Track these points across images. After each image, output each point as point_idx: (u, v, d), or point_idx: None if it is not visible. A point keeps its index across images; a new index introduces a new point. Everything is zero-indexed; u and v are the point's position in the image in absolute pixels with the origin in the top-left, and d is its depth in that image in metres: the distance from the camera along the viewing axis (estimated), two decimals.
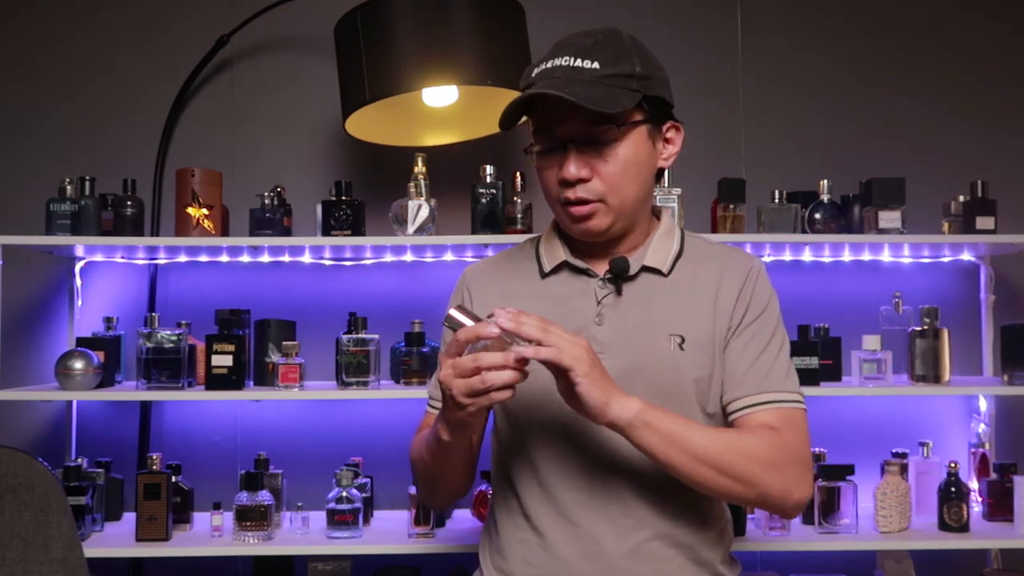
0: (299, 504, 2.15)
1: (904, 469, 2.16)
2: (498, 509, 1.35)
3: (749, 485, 1.21)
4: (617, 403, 1.15)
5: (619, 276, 1.29)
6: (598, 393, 1.14)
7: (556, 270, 1.34)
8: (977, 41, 2.49)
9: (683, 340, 1.27)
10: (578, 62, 1.22)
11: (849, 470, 2.11)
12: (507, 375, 1.10)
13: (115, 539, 2.10)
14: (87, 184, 2.16)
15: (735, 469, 1.20)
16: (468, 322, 1.14)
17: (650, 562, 1.25)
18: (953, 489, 2.10)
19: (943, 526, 2.11)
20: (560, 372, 1.14)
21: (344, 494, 2.08)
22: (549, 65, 1.24)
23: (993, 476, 2.20)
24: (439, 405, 1.38)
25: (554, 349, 1.11)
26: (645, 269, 1.31)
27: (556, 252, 1.34)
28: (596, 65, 1.22)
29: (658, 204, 2.07)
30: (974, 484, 2.25)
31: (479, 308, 1.35)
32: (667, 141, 1.32)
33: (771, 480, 1.22)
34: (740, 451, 1.21)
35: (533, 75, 1.25)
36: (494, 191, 2.16)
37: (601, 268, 1.31)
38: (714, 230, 2.18)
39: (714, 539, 1.31)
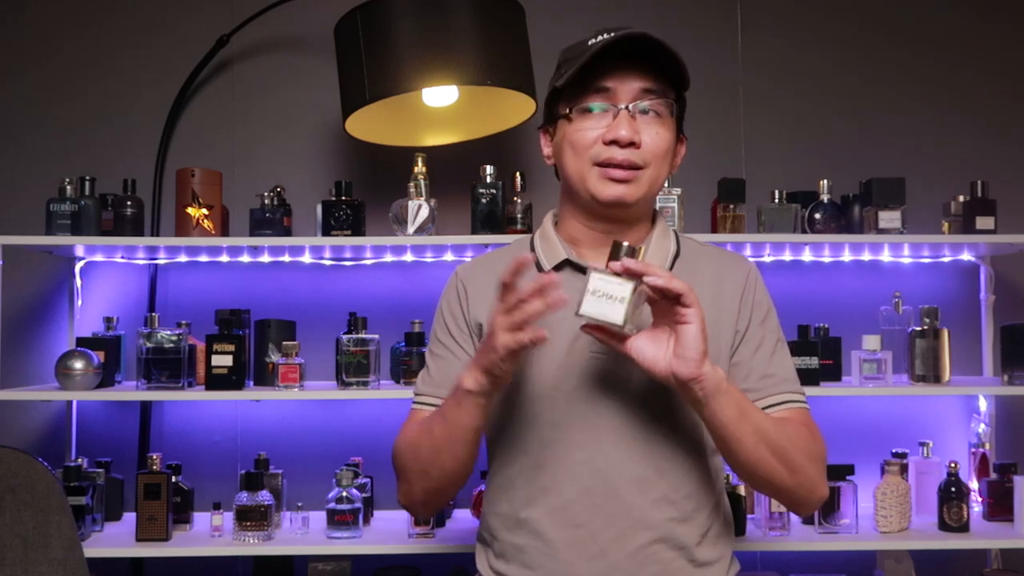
0: (299, 504, 2.15)
1: (904, 469, 2.16)
2: (495, 512, 1.34)
3: (792, 472, 1.22)
4: (709, 363, 1.15)
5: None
6: (703, 342, 1.13)
7: (555, 269, 1.33)
8: (977, 41, 2.49)
9: None
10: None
11: (849, 470, 2.11)
12: (537, 305, 1.10)
13: (115, 539, 2.10)
14: (87, 184, 2.16)
15: (787, 454, 1.21)
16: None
17: (652, 564, 1.24)
18: (953, 489, 2.10)
19: (943, 526, 2.11)
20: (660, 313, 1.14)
21: (344, 494, 2.08)
22: (616, 33, 1.25)
23: (993, 476, 2.20)
24: (426, 400, 1.38)
25: (682, 283, 1.11)
26: None
27: (556, 250, 1.34)
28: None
29: (658, 205, 2.08)
30: (974, 484, 2.25)
31: (476, 307, 1.35)
32: (674, 151, 1.34)
33: (809, 471, 1.24)
34: (791, 437, 1.23)
35: (595, 40, 1.25)
36: (494, 191, 2.16)
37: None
38: (714, 230, 2.18)
39: (715, 541, 1.30)
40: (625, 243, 1.15)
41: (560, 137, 1.31)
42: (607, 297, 1.13)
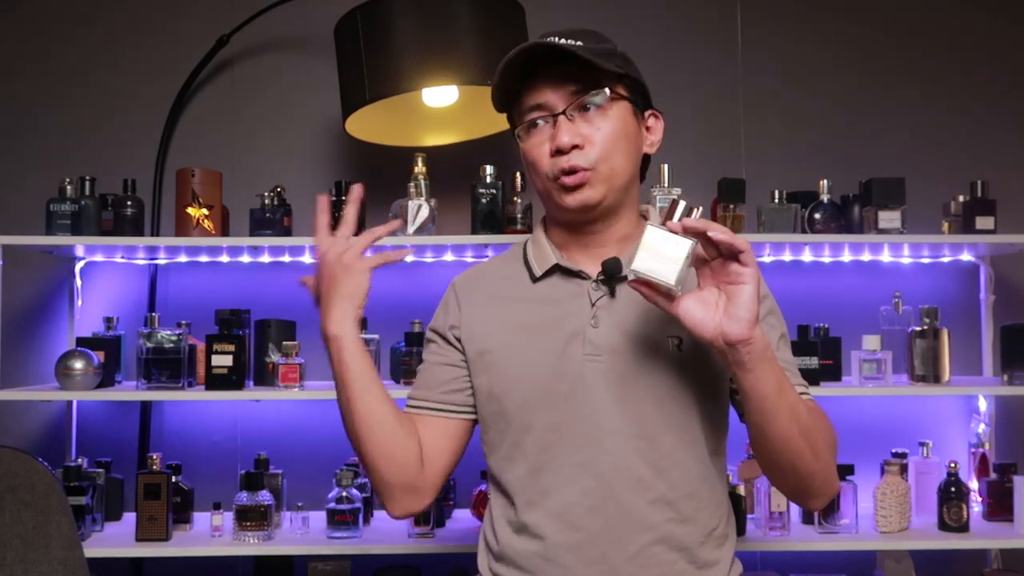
0: (299, 504, 2.15)
1: (904, 469, 2.16)
2: (496, 514, 1.33)
3: (816, 457, 1.20)
4: (759, 327, 1.12)
5: (612, 277, 1.29)
6: (757, 304, 1.10)
7: (547, 274, 1.33)
8: (977, 41, 2.49)
9: (680, 341, 1.26)
10: (562, 41, 1.24)
11: (849, 470, 2.11)
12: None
13: (115, 539, 2.10)
14: (87, 184, 2.17)
15: (813, 437, 1.19)
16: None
17: (652, 567, 1.24)
18: (953, 489, 2.10)
19: (943, 526, 2.11)
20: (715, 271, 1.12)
21: (344, 494, 2.08)
22: (530, 43, 1.25)
23: (993, 476, 2.20)
24: (413, 403, 1.39)
25: (744, 240, 1.09)
26: None
27: (546, 255, 1.33)
28: (580, 43, 1.24)
29: (657, 205, 2.08)
30: (974, 484, 2.25)
31: (468, 320, 1.35)
32: (648, 129, 1.34)
33: (829, 459, 1.22)
34: (816, 421, 1.21)
35: (511, 55, 1.26)
36: (494, 191, 2.16)
37: (593, 270, 1.30)
38: None
39: (717, 541, 1.30)
40: (683, 202, 1.13)
41: (521, 153, 1.32)
42: (661, 255, 1.11)
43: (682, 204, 1.13)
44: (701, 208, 1.15)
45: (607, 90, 1.26)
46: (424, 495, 1.32)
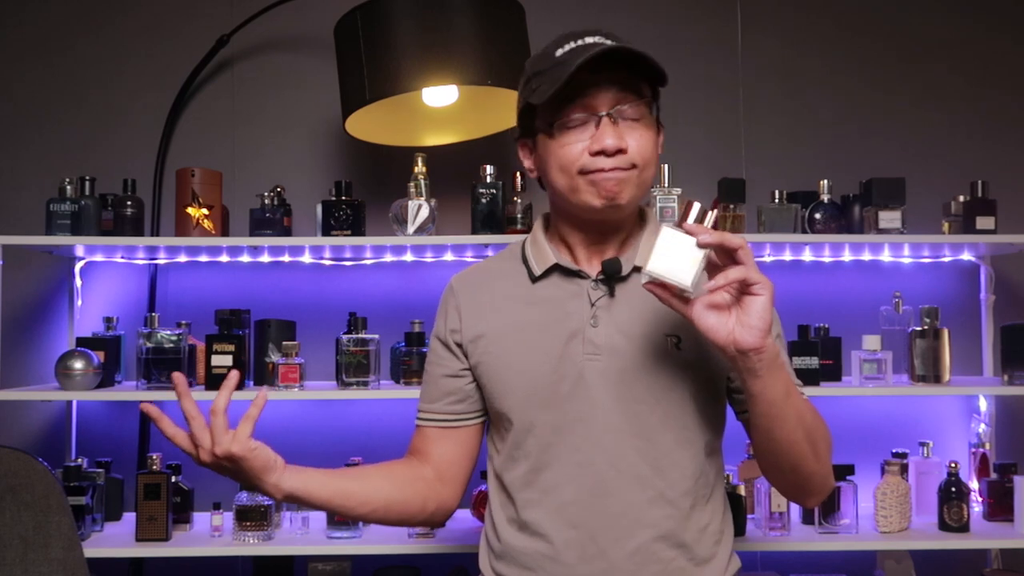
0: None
1: (904, 469, 2.16)
2: (496, 513, 1.34)
3: (817, 458, 1.21)
4: (770, 336, 1.12)
5: (611, 277, 1.29)
6: (770, 314, 1.10)
7: (546, 274, 1.32)
8: (977, 42, 2.49)
9: (679, 340, 1.27)
10: (609, 42, 1.23)
11: (849, 470, 2.11)
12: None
13: (115, 539, 2.10)
14: (87, 184, 2.17)
15: (815, 439, 1.20)
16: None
17: (652, 563, 1.24)
18: (953, 489, 2.10)
19: (943, 526, 2.11)
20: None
21: None
22: (583, 42, 1.24)
23: (993, 476, 2.20)
24: (423, 415, 1.40)
25: (743, 268, 1.08)
26: (636, 269, 1.29)
27: (545, 255, 1.33)
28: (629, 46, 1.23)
29: (658, 205, 2.08)
30: (974, 484, 2.25)
31: (469, 320, 1.35)
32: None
33: (828, 459, 1.24)
34: (817, 423, 1.22)
35: (563, 50, 1.24)
36: (494, 191, 2.16)
37: (592, 270, 1.30)
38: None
39: (714, 538, 1.30)
40: (697, 203, 1.13)
41: (544, 152, 1.29)
42: (676, 257, 1.10)
43: (696, 206, 1.13)
44: (717, 211, 1.14)
45: (651, 102, 1.26)
46: (452, 502, 1.42)
